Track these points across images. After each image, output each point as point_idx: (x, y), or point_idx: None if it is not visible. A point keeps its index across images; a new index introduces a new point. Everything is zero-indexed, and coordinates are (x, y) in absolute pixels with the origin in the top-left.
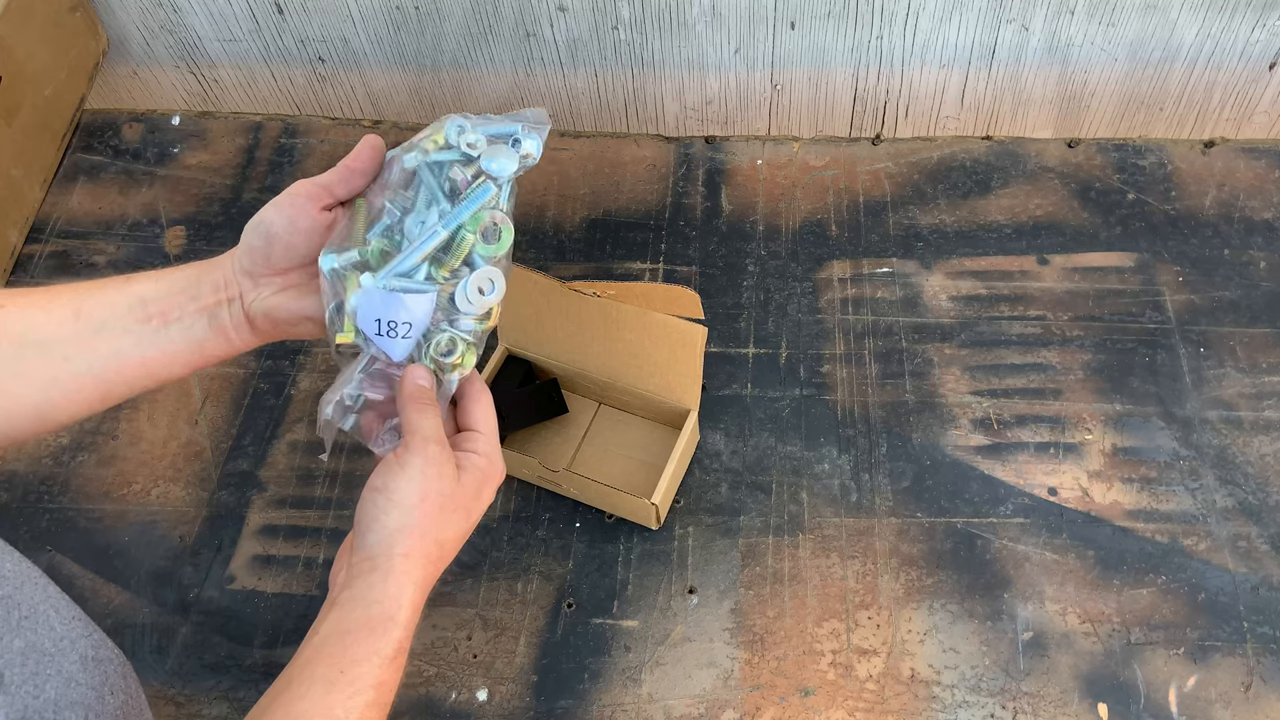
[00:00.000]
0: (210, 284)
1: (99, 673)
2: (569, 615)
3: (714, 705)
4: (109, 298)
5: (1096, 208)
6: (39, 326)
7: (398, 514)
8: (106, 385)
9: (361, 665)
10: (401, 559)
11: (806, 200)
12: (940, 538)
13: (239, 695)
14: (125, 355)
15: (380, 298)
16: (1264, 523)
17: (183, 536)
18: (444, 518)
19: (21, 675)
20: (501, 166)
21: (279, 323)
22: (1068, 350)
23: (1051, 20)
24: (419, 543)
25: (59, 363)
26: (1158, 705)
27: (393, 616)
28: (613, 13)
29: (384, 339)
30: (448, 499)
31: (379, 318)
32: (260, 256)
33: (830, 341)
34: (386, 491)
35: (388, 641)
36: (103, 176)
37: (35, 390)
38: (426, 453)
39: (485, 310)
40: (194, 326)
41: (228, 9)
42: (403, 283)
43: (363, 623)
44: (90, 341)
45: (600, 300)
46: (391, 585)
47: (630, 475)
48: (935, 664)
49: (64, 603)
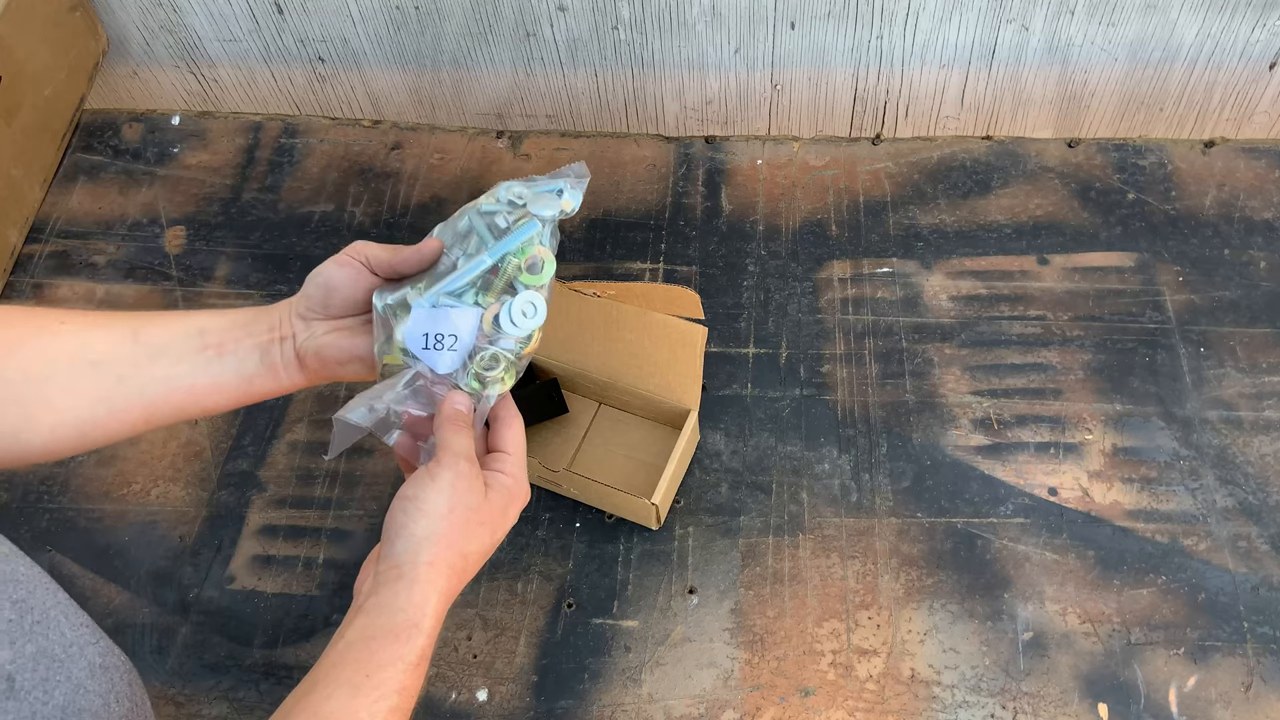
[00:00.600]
0: (266, 322)
1: (106, 680)
2: (569, 615)
3: (714, 705)
4: (169, 325)
5: (1096, 208)
6: (97, 345)
7: (426, 523)
8: (152, 409)
9: (386, 671)
10: (427, 567)
11: (806, 200)
12: (940, 538)
13: (239, 695)
14: (176, 381)
15: (428, 313)
16: (1264, 523)
17: (183, 536)
18: (469, 531)
19: (32, 680)
20: (544, 209)
21: (328, 361)
22: (1068, 350)
23: (1051, 20)
24: (445, 552)
25: (111, 383)
26: (1158, 705)
27: (417, 624)
28: (613, 13)
29: (430, 352)
30: (474, 513)
31: (426, 331)
32: (318, 305)
33: (830, 341)
34: (416, 501)
35: (412, 648)
36: (103, 176)
37: (83, 407)
38: (457, 468)
39: (528, 333)
40: (246, 360)
41: (228, 9)
42: (450, 300)
43: (388, 629)
44: (145, 365)
45: (600, 300)
46: (417, 593)
47: (630, 475)
48: (935, 664)
49: (73, 609)
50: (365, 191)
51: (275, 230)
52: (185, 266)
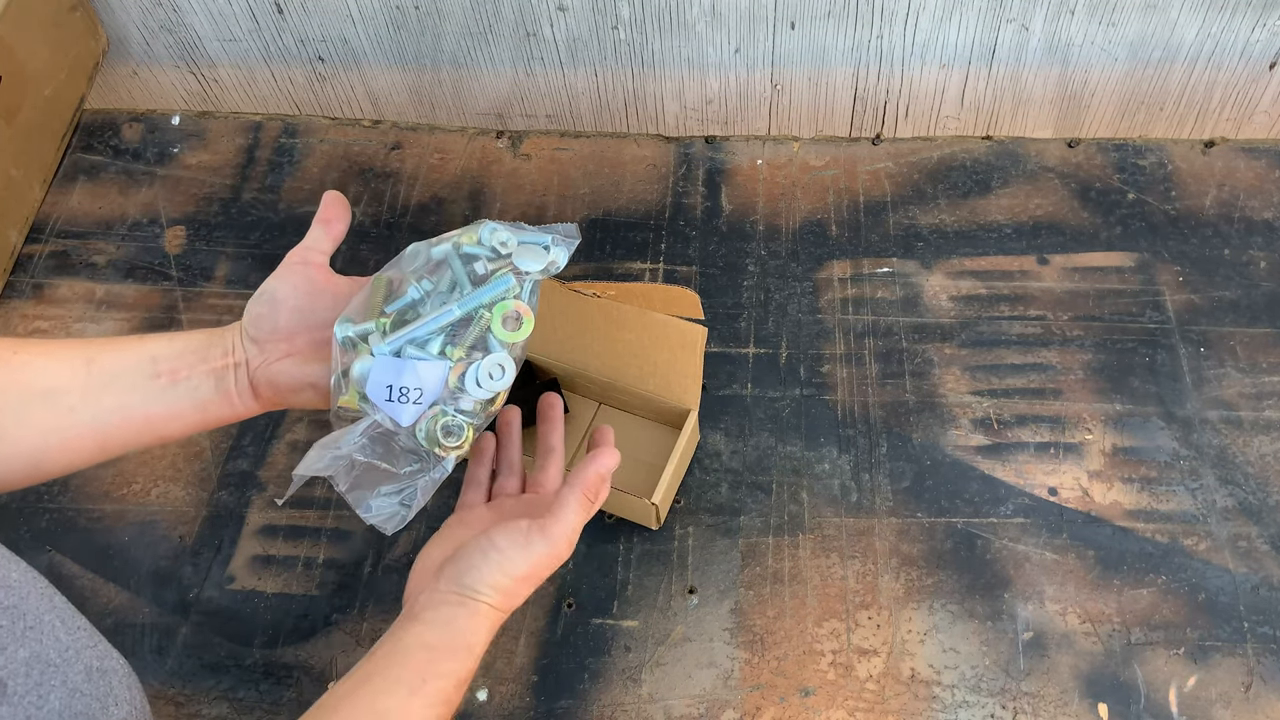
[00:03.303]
0: (221, 348)
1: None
2: (569, 615)
3: (714, 705)
4: (121, 353)
5: (1096, 208)
6: (49, 375)
7: (501, 577)
8: (105, 438)
9: (441, 681)
10: (488, 608)
11: (806, 200)
12: (940, 538)
13: (239, 695)
14: (130, 410)
15: (392, 364)
16: (1264, 523)
17: (183, 536)
18: (529, 583)
19: (25, 685)
20: (529, 264)
21: (281, 389)
22: (1068, 350)
23: (1051, 20)
24: (504, 601)
25: (64, 413)
26: (1158, 705)
27: (471, 648)
28: (613, 13)
29: (393, 404)
30: (537, 577)
31: (390, 383)
32: (266, 323)
33: (830, 341)
34: (504, 553)
35: (463, 667)
36: (103, 176)
37: (35, 438)
38: (556, 546)
39: (492, 395)
40: (200, 387)
41: (227, 9)
42: (416, 351)
43: (448, 644)
44: (98, 394)
45: (600, 300)
46: (476, 623)
47: (630, 475)
48: (935, 664)
49: (69, 613)
50: (365, 191)
51: (275, 230)
52: (185, 266)
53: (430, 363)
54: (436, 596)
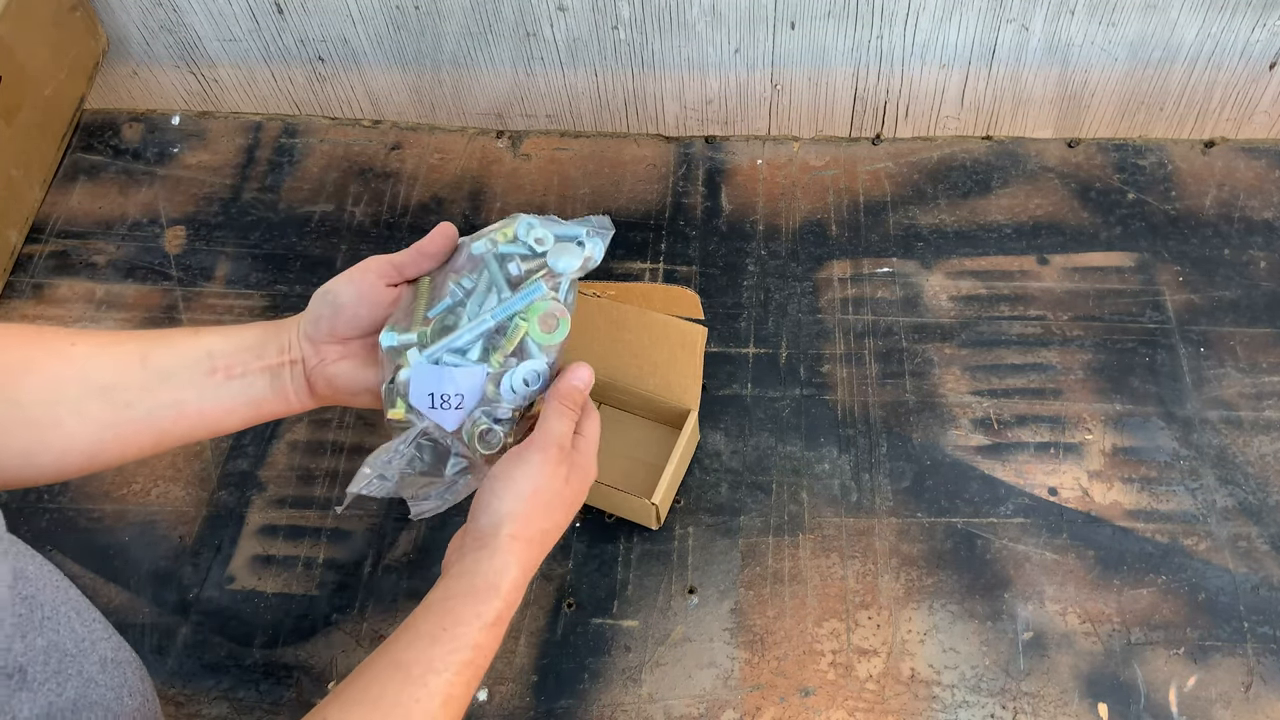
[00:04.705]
0: (276, 345)
1: (118, 674)
2: (569, 615)
3: (714, 705)
4: (177, 348)
5: (1096, 208)
6: (105, 370)
7: (510, 501)
8: (160, 433)
9: (462, 627)
10: (508, 539)
11: (806, 200)
12: (940, 538)
13: (239, 695)
14: (185, 406)
15: (431, 372)
16: (1264, 523)
17: (183, 536)
18: (549, 511)
19: (44, 673)
20: (565, 264)
21: (339, 390)
22: (1068, 350)
23: (1051, 20)
24: (524, 528)
25: (120, 408)
26: (1158, 705)
27: (495, 586)
28: (613, 13)
29: (437, 411)
30: (555, 496)
31: (431, 390)
32: (325, 325)
33: (830, 341)
34: (504, 480)
35: (489, 608)
36: (103, 176)
37: (92, 432)
38: (548, 452)
39: (528, 401)
40: (255, 384)
41: (227, 9)
42: (454, 358)
43: (468, 591)
44: (154, 389)
45: (600, 300)
46: (497, 561)
47: (630, 475)
48: (935, 664)
49: (84, 605)
50: (365, 191)
51: (275, 230)
52: (185, 266)
53: (467, 368)
54: (461, 551)
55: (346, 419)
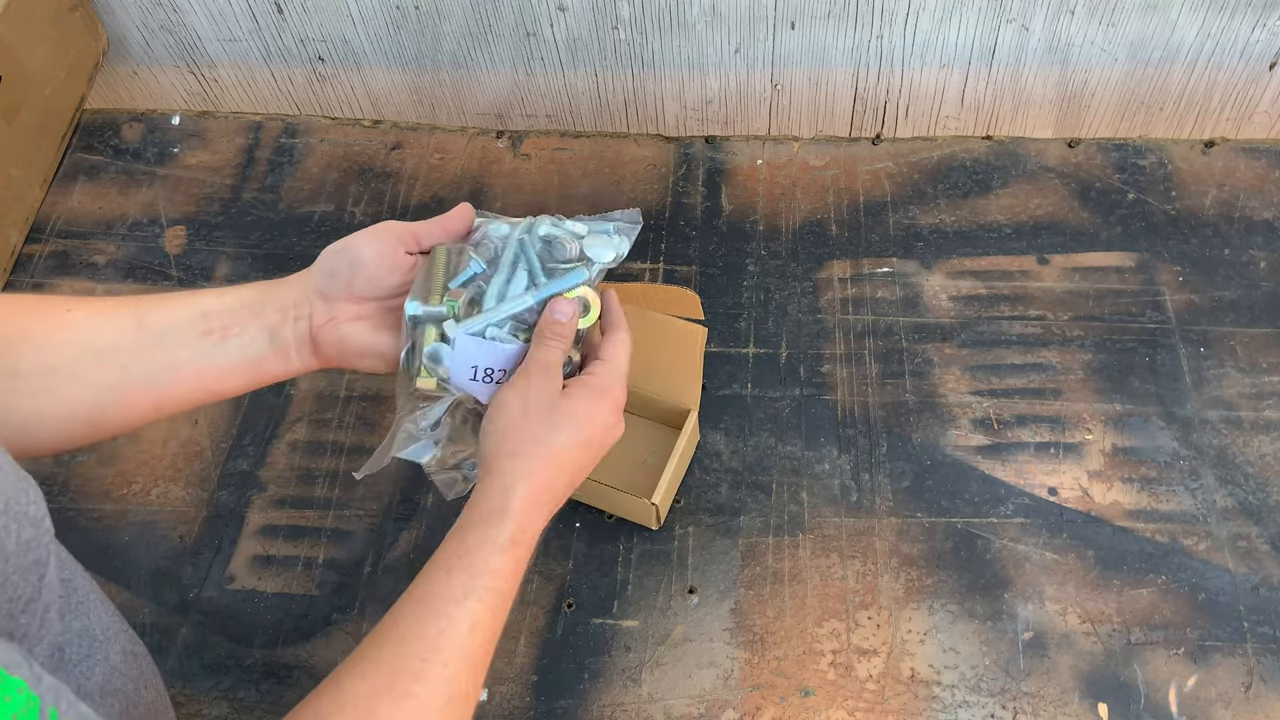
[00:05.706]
0: (276, 302)
1: (136, 666)
2: (569, 615)
3: (714, 705)
4: (172, 309)
5: (1096, 208)
6: (102, 333)
7: (503, 421)
8: (159, 396)
9: (476, 553)
10: (508, 458)
11: (806, 200)
12: (940, 538)
13: (239, 695)
14: (182, 367)
15: (478, 345)
16: (1264, 523)
17: (183, 536)
18: (550, 426)
19: (77, 654)
20: (599, 253)
21: (346, 351)
22: (1068, 350)
23: (1051, 20)
24: (524, 444)
25: (116, 370)
26: (1158, 705)
27: (502, 508)
28: (613, 13)
29: (476, 383)
30: (551, 410)
31: (475, 364)
32: (342, 281)
33: (830, 341)
34: (496, 406)
35: (500, 531)
36: (103, 176)
37: (91, 397)
38: (529, 373)
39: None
40: (254, 343)
41: (227, 8)
42: (498, 333)
43: (476, 518)
44: (149, 351)
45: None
46: (500, 482)
47: (630, 475)
48: (935, 664)
49: (104, 597)
50: (365, 191)
51: (275, 230)
52: (185, 266)
53: (513, 345)
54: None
55: (346, 419)
